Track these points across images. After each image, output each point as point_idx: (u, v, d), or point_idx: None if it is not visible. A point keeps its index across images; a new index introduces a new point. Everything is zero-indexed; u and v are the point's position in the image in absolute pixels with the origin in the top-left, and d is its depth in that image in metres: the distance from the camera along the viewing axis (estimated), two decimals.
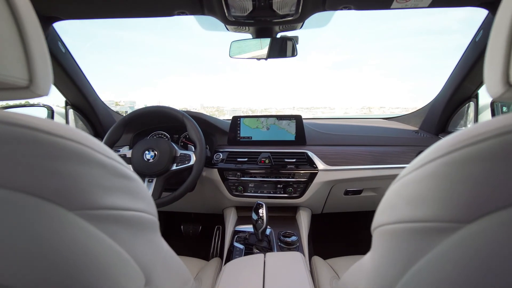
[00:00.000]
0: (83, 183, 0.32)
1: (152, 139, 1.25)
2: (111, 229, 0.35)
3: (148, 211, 0.45)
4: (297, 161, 1.34)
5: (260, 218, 1.05)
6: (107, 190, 0.35)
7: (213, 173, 1.39)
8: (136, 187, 0.42)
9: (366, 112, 16.20)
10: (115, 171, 0.38)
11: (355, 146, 1.42)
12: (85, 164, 0.33)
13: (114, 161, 0.38)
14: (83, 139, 0.34)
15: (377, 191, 1.43)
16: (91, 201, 0.33)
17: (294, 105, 52.82)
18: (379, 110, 16.88)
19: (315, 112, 15.62)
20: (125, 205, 0.38)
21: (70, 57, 1.25)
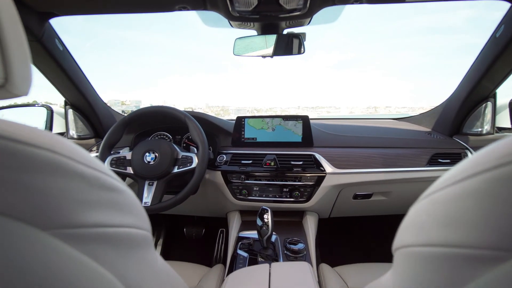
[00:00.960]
0: (58, 199, 0.27)
1: (153, 141, 1.21)
2: (93, 249, 0.30)
3: (139, 226, 0.40)
4: (304, 163, 1.28)
5: (265, 224, 0.99)
6: (88, 205, 0.30)
7: (216, 176, 1.33)
8: (124, 199, 0.37)
9: (372, 111, 16.13)
10: (97, 182, 0.32)
11: (365, 148, 1.36)
12: (61, 177, 0.28)
13: (96, 171, 0.33)
14: (58, 147, 0.29)
15: (388, 196, 1.37)
16: (69, 218, 0.28)
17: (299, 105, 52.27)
18: (385, 109, 16.77)
19: (320, 111, 15.45)
20: (110, 221, 0.33)
21: (69, 55, 1.20)
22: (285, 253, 1.05)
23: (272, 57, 1.18)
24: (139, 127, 1.50)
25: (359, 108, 19.83)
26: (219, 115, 1.61)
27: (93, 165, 0.33)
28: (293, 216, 1.38)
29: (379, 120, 1.77)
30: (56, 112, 1.44)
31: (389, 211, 1.51)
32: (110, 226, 0.33)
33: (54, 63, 1.12)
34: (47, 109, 1.42)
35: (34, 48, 1.03)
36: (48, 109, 1.42)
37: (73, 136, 1.43)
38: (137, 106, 3.61)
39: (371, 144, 1.37)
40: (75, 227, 0.28)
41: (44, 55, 1.07)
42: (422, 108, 1.70)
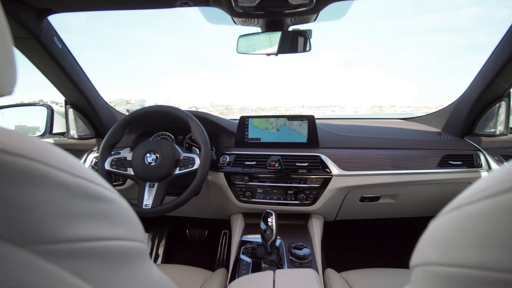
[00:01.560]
0: (36, 212, 0.24)
1: (154, 141, 1.17)
2: (79, 266, 0.27)
3: (132, 237, 0.36)
4: (309, 165, 1.24)
5: (269, 228, 0.96)
6: (71, 217, 0.27)
7: (219, 177, 1.30)
8: (115, 209, 0.34)
9: (376, 110, 16.14)
10: (83, 192, 0.29)
11: (373, 149, 1.31)
12: (39, 187, 0.25)
13: (81, 180, 0.29)
14: (36, 153, 0.26)
15: (396, 198, 1.32)
16: (50, 233, 0.24)
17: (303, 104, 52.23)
18: (390, 108, 16.69)
19: (325, 110, 15.40)
20: (98, 234, 0.30)
21: (68, 53, 1.17)
22: (290, 258, 1.01)
23: (276, 55, 1.14)
24: (141, 127, 1.47)
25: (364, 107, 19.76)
26: (223, 114, 1.57)
27: (78, 172, 0.29)
28: (298, 219, 1.34)
29: (386, 120, 1.72)
30: (57, 111, 1.42)
31: (397, 214, 1.47)
32: (98, 239, 0.29)
33: (52, 61, 1.09)
34: (48, 108, 1.39)
35: (31, 46, 1.00)
36: (49, 108, 1.39)
37: (74, 136, 1.40)
38: (142, 105, 3.58)
39: (379, 145, 1.33)
40: (57, 242, 0.25)
41: (42, 53, 1.04)
42: (428, 107, 1.64)
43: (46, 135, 1.37)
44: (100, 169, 1.13)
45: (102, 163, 1.13)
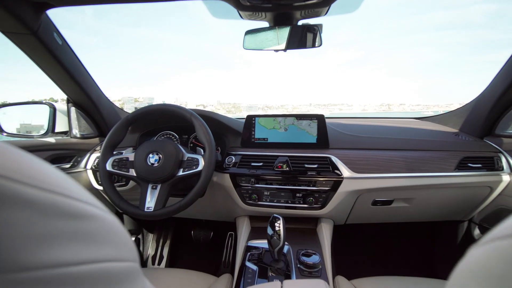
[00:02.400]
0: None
1: (157, 141, 1.13)
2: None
3: (120, 258, 0.31)
4: (319, 167, 1.18)
5: (276, 234, 0.90)
6: (43, 240, 0.22)
7: (224, 179, 1.25)
8: (99, 227, 0.29)
9: (385, 109, 15.97)
10: (57, 210, 0.24)
11: (386, 150, 1.24)
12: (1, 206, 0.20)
13: (55, 195, 0.24)
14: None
15: (410, 202, 1.25)
16: (17, 260, 0.20)
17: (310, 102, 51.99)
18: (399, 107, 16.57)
19: (332, 108, 15.46)
20: (79, 257, 0.25)
21: (69, 50, 1.13)
22: (298, 266, 0.95)
23: (285, 51, 1.08)
24: (144, 126, 1.43)
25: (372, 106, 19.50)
26: (230, 112, 1.52)
27: (51, 186, 0.24)
28: (307, 223, 1.28)
29: (399, 119, 1.65)
30: (59, 109, 1.38)
31: (410, 218, 1.40)
32: (78, 263, 0.25)
33: (52, 58, 1.05)
34: (50, 106, 1.36)
35: (30, 42, 0.96)
36: (51, 106, 1.36)
37: (76, 135, 1.36)
38: (150, 103, 3.52)
39: (392, 146, 1.26)
40: (28, 270, 0.20)
41: (41, 49, 1.00)
42: (438, 105, 1.57)
43: (49, 134, 1.34)
44: (101, 169, 1.09)
45: (103, 164, 1.09)
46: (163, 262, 1.78)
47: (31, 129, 1.43)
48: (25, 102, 1.37)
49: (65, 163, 1.26)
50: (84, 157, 1.36)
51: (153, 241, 1.84)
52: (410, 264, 1.73)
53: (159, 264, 1.78)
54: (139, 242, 1.81)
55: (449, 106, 1.57)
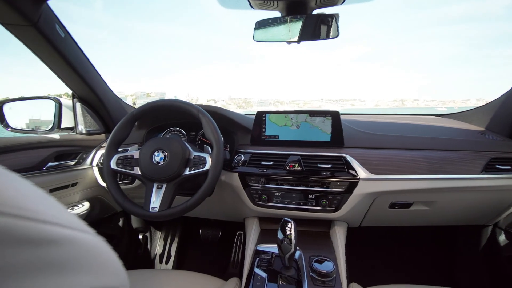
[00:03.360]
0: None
1: (163, 138, 1.08)
2: None
3: (104, 285, 0.26)
4: (333, 167, 1.11)
5: (287, 239, 0.84)
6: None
7: (233, 178, 1.19)
8: (75, 252, 0.24)
9: (398, 104, 15.75)
10: (14, 236, 0.19)
11: (405, 150, 1.16)
12: None
13: (13, 219, 0.19)
14: None
15: (431, 206, 1.17)
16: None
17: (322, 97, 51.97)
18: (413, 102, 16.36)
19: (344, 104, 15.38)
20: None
21: (72, 42, 1.09)
22: (310, 275, 0.89)
23: (298, 43, 1.01)
24: (151, 122, 1.38)
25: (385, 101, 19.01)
26: (241, 107, 1.45)
27: (7, 208, 0.19)
28: (319, 226, 1.22)
29: (419, 116, 1.55)
30: (65, 105, 1.35)
31: (430, 222, 1.32)
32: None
33: (54, 51, 1.01)
34: (56, 101, 1.33)
35: (30, 34, 0.92)
36: (57, 101, 1.33)
37: (82, 131, 1.33)
38: (162, 98, 3.52)
39: (412, 145, 1.18)
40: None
41: (42, 42, 0.96)
42: (453, 101, 1.46)
43: (55, 130, 1.31)
44: (105, 168, 1.05)
45: (107, 162, 1.05)
46: (170, 261, 1.75)
47: (40, 124, 1.41)
48: (30, 97, 1.34)
49: (70, 160, 1.23)
50: (90, 154, 1.33)
51: (161, 239, 1.81)
52: (427, 271, 1.64)
53: (166, 263, 1.74)
54: (146, 240, 1.78)
55: (466, 102, 1.46)
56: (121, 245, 1.64)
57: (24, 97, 1.33)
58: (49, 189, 1.12)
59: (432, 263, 1.66)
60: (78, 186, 1.26)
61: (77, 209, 1.23)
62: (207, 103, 2.46)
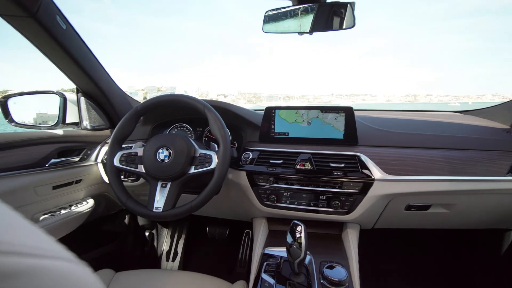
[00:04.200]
0: None
1: (168, 135, 1.04)
2: None
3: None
4: (346, 166, 1.05)
5: (296, 242, 0.79)
6: None
7: (240, 177, 1.14)
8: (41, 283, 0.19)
9: (411, 99, 15.46)
10: None
11: (424, 149, 1.09)
12: None
13: None
14: None
15: (450, 208, 1.10)
16: None
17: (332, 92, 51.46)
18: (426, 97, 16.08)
19: (355, 99, 15.19)
20: None
21: (75, 35, 1.05)
22: (321, 282, 0.84)
23: (311, 34, 0.94)
24: (157, 118, 1.34)
25: (397, 96, 18.56)
26: (251, 102, 1.40)
27: None
28: (330, 228, 1.16)
29: (438, 113, 1.47)
30: (70, 100, 1.32)
31: (448, 226, 1.25)
32: None
33: (56, 43, 0.97)
34: (60, 96, 1.30)
35: (29, 25, 0.88)
36: (61, 96, 1.30)
37: (87, 127, 1.30)
38: (172, 93, 3.50)
39: (431, 144, 1.10)
40: None
41: (42, 34, 0.92)
42: (468, 96, 1.36)
43: (59, 125, 1.28)
44: (108, 165, 1.02)
45: (111, 159, 1.01)
46: (177, 259, 1.72)
47: (47, 119, 1.38)
48: (35, 92, 1.31)
49: (74, 156, 1.20)
50: (95, 150, 1.30)
51: (168, 236, 1.78)
52: (445, 276, 1.57)
53: (173, 261, 1.72)
54: (153, 237, 1.76)
55: (481, 97, 1.36)
56: (127, 243, 1.61)
57: (28, 92, 1.31)
58: (52, 186, 1.09)
59: (449, 268, 1.59)
60: (82, 183, 1.23)
61: (81, 207, 1.20)
62: (216, 97, 2.43)
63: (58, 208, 1.13)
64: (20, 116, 1.27)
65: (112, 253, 1.52)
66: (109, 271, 1.05)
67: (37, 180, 1.03)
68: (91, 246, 1.42)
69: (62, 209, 1.13)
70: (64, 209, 1.14)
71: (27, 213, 1.02)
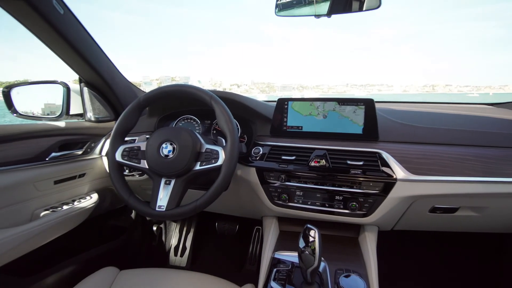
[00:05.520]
0: None
1: (172, 128, 0.97)
2: None
3: None
4: (365, 164, 0.95)
5: (309, 247, 0.71)
6: None
7: (249, 173, 1.07)
8: None
9: (429, 90, 15.06)
10: None
11: (453, 146, 0.98)
12: None
13: None
14: None
15: (481, 212, 1.00)
16: None
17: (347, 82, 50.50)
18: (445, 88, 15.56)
19: (371, 89, 14.88)
20: None
21: (74, 20, 0.98)
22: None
23: (329, 16, 0.84)
24: (163, 110, 1.27)
25: (415, 87, 17.93)
26: (264, 92, 1.30)
27: None
28: (346, 230, 1.08)
29: (467, 106, 1.34)
30: (73, 90, 1.27)
31: (477, 229, 1.14)
32: None
33: (52, 29, 0.90)
34: (64, 86, 1.25)
35: (22, 9, 0.82)
36: (65, 86, 1.25)
37: (91, 119, 1.24)
38: (186, 83, 3.50)
39: (462, 140, 0.99)
40: None
41: (36, 18, 0.85)
42: (490, 87, 1.22)
43: (63, 116, 1.23)
44: (110, 160, 0.96)
45: (112, 154, 0.95)
46: (185, 254, 1.68)
47: (55, 110, 1.34)
48: (37, 82, 1.27)
49: (77, 149, 1.15)
50: (99, 142, 1.25)
51: (176, 231, 1.74)
52: (470, 283, 1.46)
53: (181, 256, 1.68)
54: (161, 232, 1.72)
55: (503, 88, 1.22)
56: (133, 238, 1.58)
57: (31, 82, 1.26)
58: (53, 181, 1.05)
59: (475, 275, 1.48)
60: (86, 177, 1.19)
61: (84, 202, 1.16)
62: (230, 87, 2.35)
63: (60, 204, 1.08)
64: (24, 107, 1.23)
65: (118, 249, 1.48)
66: (113, 269, 1.01)
67: (37, 174, 0.98)
68: (95, 242, 1.39)
69: (65, 205, 1.09)
70: (67, 205, 1.10)
71: (27, 209, 0.98)
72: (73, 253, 1.28)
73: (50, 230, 1.04)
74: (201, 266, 1.67)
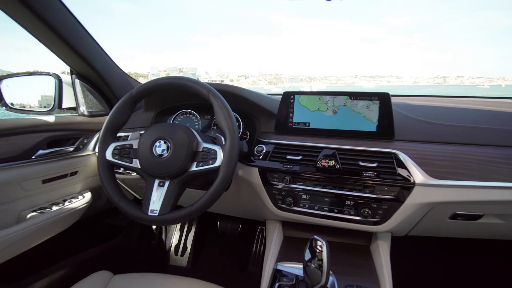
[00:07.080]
0: None
1: (167, 125, 0.88)
2: None
3: None
4: (379, 166, 0.85)
5: (316, 263, 0.63)
6: None
7: (251, 174, 0.98)
8: None
9: (440, 81, 14.72)
10: None
11: (479, 146, 0.87)
12: None
13: None
14: None
15: (507, 219, 0.90)
16: None
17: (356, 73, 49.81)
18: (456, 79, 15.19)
19: (380, 81, 14.58)
20: None
21: (62, 8, 0.90)
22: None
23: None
24: (160, 104, 1.19)
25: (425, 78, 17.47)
26: (272, 83, 1.21)
27: None
28: (357, 238, 0.99)
29: (492, 100, 1.23)
30: (65, 82, 1.19)
31: (500, 236, 1.04)
32: None
33: (37, 18, 0.82)
34: (55, 78, 1.17)
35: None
36: (56, 78, 1.17)
37: (84, 113, 1.17)
38: (193, 74, 3.33)
39: (488, 140, 0.89)
40: None
41: (19, 6, 0.76)
42: (503, 78, 1.09)
43: (55, 110, 1.16)
44: (100, 159, 0.88)
45: (102, 152, 0.87)
46: (186, 254, 1.61)
47: (52, 102, 1.27)
48: (28, 73, 1.19)
49: (68, 146, 1.08)
50: (93, 138, 1.17)
51: (177, 230, 1.68)
52: None
53: (182, 255, 1.62)
54: (161, 230, 1.66)
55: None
56: (131, 237, 1.52)
57: (21, 73, 1.19)
58: (41, 180, 0.98)
59: (496, 285, 1.38)
60: (79, 175, 1.12)
61: (76, 201, 1.09)
62: (237, 78, 2.27)
63: (49, 204, 1.02)
64: (13, 99, 1.16)
65: (114, 250, 1.42)
66: (106, 273, 0.94)
67: (22, 173, 0.91)
68: (89, 243, 1.33)
69: (54, 205, 1.03)
70: (57, 205, 1.03)
71: (13, 210, 0.91)
72: (65, 256, 1.22)
73: (39, 231, 0.98)
74: (202, 266, 1.61)
